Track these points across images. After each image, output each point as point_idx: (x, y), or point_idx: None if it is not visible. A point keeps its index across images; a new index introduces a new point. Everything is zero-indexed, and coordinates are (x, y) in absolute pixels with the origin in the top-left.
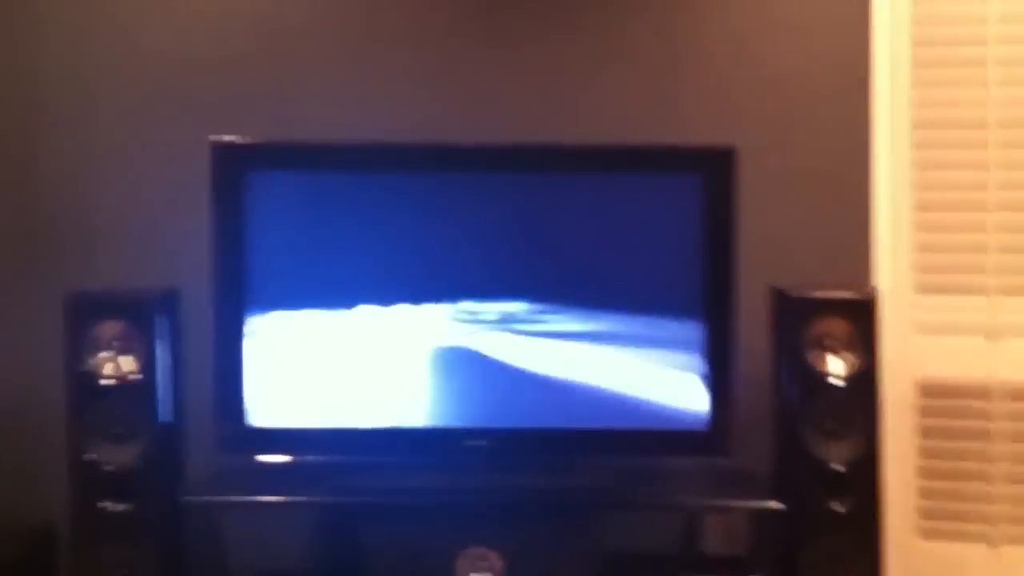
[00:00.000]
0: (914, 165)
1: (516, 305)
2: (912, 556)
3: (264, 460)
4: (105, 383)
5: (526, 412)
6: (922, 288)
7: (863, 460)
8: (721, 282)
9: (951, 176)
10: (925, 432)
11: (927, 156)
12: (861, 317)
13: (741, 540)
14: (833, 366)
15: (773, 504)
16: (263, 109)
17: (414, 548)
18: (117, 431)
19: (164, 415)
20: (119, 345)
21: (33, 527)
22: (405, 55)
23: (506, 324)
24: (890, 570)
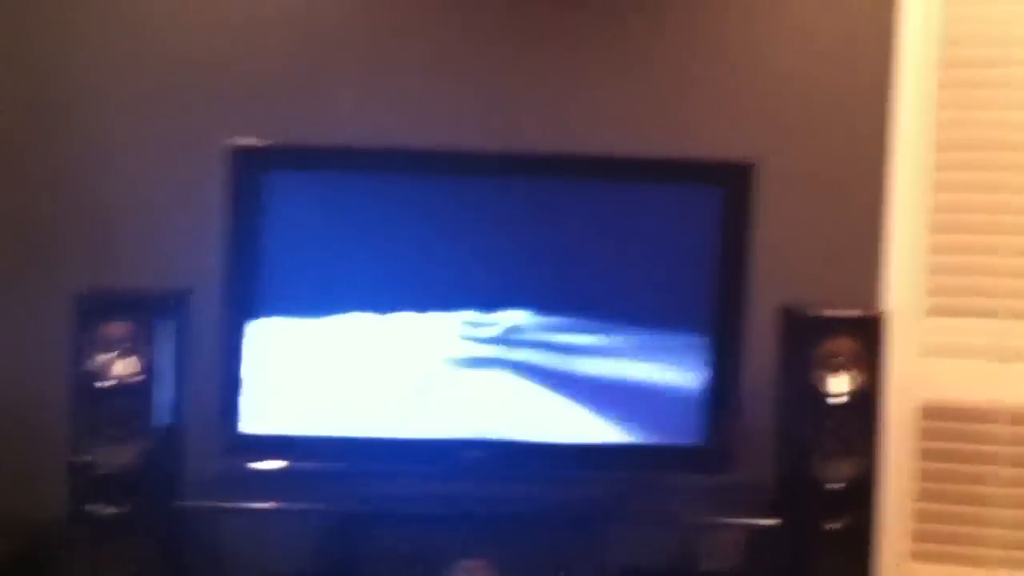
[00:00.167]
0: (932, 186)
1: (522, 315)
2: None
3: (262, 466)
4: (106, 384)
5: (524, 424)
6: (933, 310)
7: (862, 480)
8: (732, 298)
9: (968, 198)
10: (926, 455)
11: (945, 178)
12: (867, 336)
13: (738, 557)
14: (837, 385)
15: (769, 521)
16: (278, 112)
17: (408, 557)
18: (116, 433)
19: (163, 418)
20: (125, 346)
21: (29, 527)
22: (424, 59)
23: (510, 335)
24: None
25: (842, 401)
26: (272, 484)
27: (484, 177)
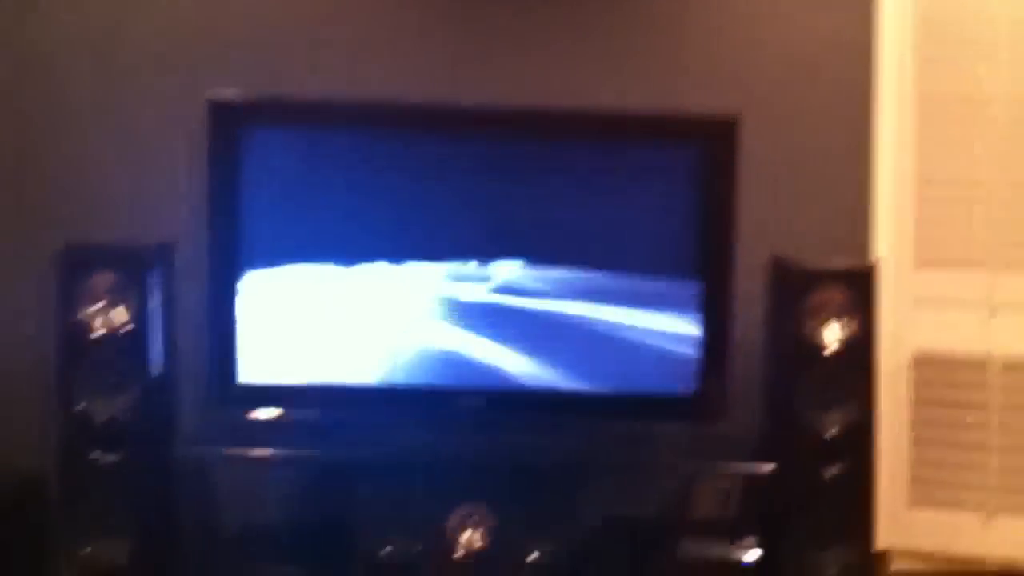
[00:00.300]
0: (917, 138)
1: (512, 265)
2: (903, 524)
3: (255, 415)
4: (96, 334)
5: (520, 373)
6: (922, 261)
7: (857, 427)
8: (720, 249)
9: (955, 150)
10: (919, 403)
11: (931, 129)
12: (860, 287)
13: (731, 505)
14: (830, 335)
15: (763, 467)
16: (260, 64)
17: (405, 504)
18: (108, 383)
19: (155, 367)
20: (111, 297)
21: (22, 478)
22: (406, 12)
23: (501, 284)
24: (881, 537)
25: (833, 351)
26: (267, 433)
27: (466, 131)
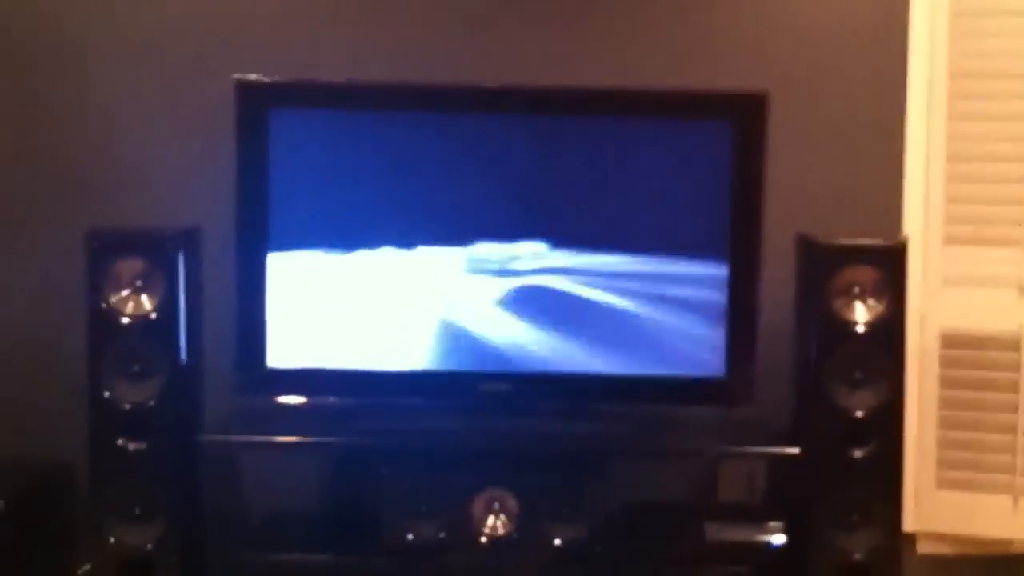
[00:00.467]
0: (949, 115)
1: (539, 247)
2: (929, 506)
3: (281, 401)
4: (124, 321)
5: (545, 357)
6: (952, 239)
7: (885, 408)
8: (749, 229)
9: (986, 127)
10: (947, 383)
11: (962, 106)
12: (890, 265)
13: (759, 488)
14: (859, 314)
15: (789, 450)
16: (287, 47)
17: (430, 489)
18: (135, 369)
19: (183, 354)
20: (139, 283)
21: (50, 464)
22: None
23: (528, 267)
24: (907, 519)
25: (863, 330)
26: (293, 419)
27: (494, 112)
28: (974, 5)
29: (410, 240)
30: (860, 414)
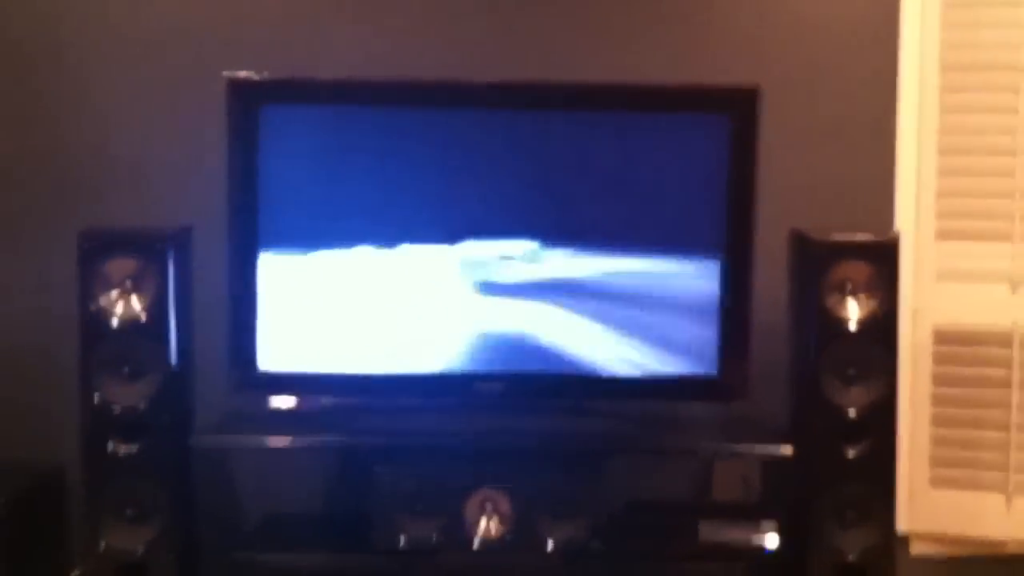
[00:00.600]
0: (940, 109)
1: (532, 245)
2: (923, 506)
3: (274, 403)
4: (115, 323)
5: (539, 356)
6: (944, 234)
7: (879, 406)
8: (742, 225)
9: (978, 120)
10: (940, 380)
11: (953, 100)
12: (882, 261)
13: (753, 486)
14: (852, 310)
15: (784, 449)
16: (277, 45)
17: (424, 490)
18: (127, 371)
19: (174, 355)
20: (130, 284)
21: (43, 467)
22: None
23: (521, 266)
24: (901, 517)
25: (857, 327)
26: (286, 421)
27: (487, 108)
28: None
29: (402, 239)
30: (854, 411)
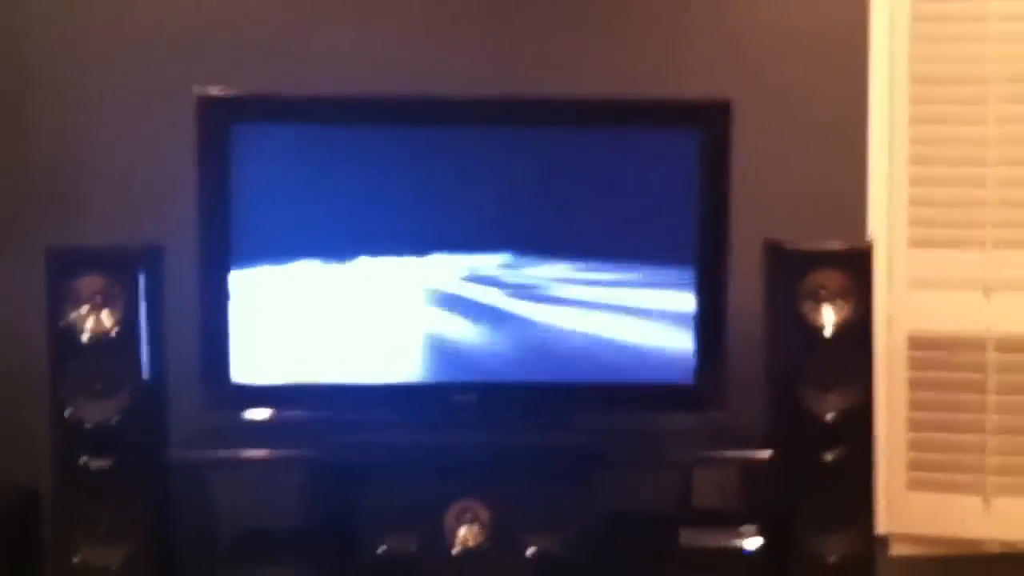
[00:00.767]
0: (911, 119)
1: (506, 258)
2: (901, 508)
3: (249, 416)
4: (86, 338)
5: (515, 367)
6: (916, 242)
7: (856, 411)
8: (716, 236)
9: (948, 130)
10: (916, 385)
11: (924, 111)
12: (856, 269)
13: (732, 493)
14: (827, 318)
15: (762, 454)
16: (248, 61)
17: (402, 502)
18: (98, 387)
19: (146, 371)
20: (100, 300)
21: (15, 484)
22: (395, 6)
23: (496, 277)
24: (880, 520)
25: (832, 334)
26: (261, 434)
27: (458, 124)
28: (934, 10)
29: (375, 252)
30: (831, 417)
